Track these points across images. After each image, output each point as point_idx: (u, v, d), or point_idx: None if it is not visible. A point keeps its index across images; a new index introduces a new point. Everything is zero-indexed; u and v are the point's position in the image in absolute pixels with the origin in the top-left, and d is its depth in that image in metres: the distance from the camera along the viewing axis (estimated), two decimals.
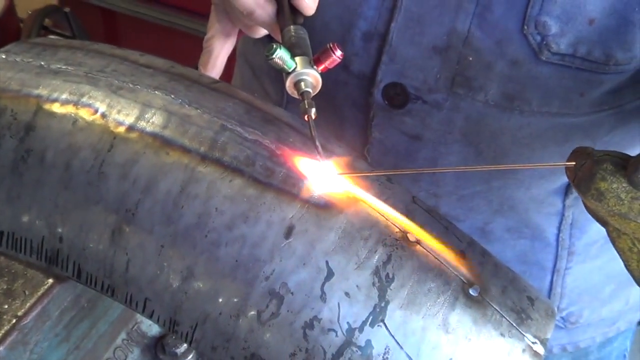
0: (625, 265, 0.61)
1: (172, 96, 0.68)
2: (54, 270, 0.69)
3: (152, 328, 0.82)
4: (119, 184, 0.65)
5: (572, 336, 1.10)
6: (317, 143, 0.66)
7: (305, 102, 0.68)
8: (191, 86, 0.70)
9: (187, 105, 0.68)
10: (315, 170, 0.66)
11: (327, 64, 0.71)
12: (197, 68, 0.84)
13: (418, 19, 0.84)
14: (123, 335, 0.80)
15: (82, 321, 0.75)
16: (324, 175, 0.66)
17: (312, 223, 0.64)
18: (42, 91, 0.69)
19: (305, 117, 0.67)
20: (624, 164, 0.57)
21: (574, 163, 0.60)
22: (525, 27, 0.80)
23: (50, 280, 0.71)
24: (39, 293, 0.70)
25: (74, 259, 0.67)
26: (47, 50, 0.73)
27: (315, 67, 0.70)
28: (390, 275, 0.63)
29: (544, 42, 0.80)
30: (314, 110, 0.67)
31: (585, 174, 0.58)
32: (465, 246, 0.68)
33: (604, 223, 0.60)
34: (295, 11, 0.77)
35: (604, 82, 0.84)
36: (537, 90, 0.84)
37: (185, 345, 0.80)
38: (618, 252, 0.61)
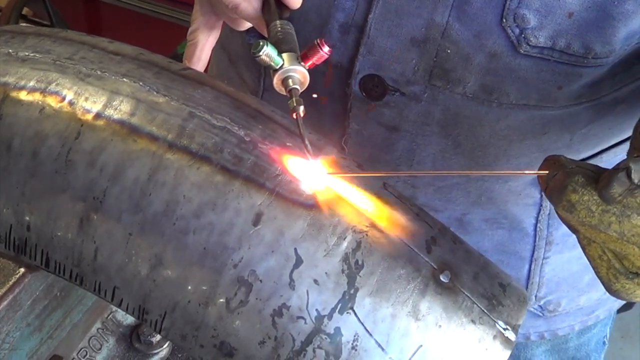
0: (595, 272, 0.60)
1: (140, 83, 0.65)
2: (23, 259, 0.65)
3: (127, 317, 0.79)
4: (87, 171, 0.62)
5: (550, 324, 1.07)
6: (307, 142, 0.63)
7: (294, 99, 0.65)
8: (160, 73, 0.67)
9: (155, 92, 0.65)
10: (285, 158, 0.63)
11: (315, 60, 0.68)
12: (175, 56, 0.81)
13: (396, 10, 0.81)
14: (98, 324, 0.77)
15: (55, 310, 0.71)
16: (305, 170, 0.63)
17: (280, 210, 0.60)
18: (9, 79, 0.65)
19: (294, 115, 0.64)
20: (595, 177, 0.55)
21: (546, 172, 0.58)
22: (504, 20, 0.77)
23: (22, 270, 0.68)
24: (10, 282, 0.67)
25: (42, 248, 0.64)
26: (15, 38, 0.69)
27: (302, 63, 0.67)
28: (360, 262, 0.60)
29: (523, 35, 0.77)
30: (302, 108, 0.64)
31: (557, 185, 0.57)
32: (436, 232, 0.64)
33: (575, 231, 0.59)
34: (281, 5, 0.74)
35: (583, 75, 0.81)
36: (516, 83, 0.82)
37: None
38: (588, 259, 0.60)
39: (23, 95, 0.64)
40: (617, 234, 0.55)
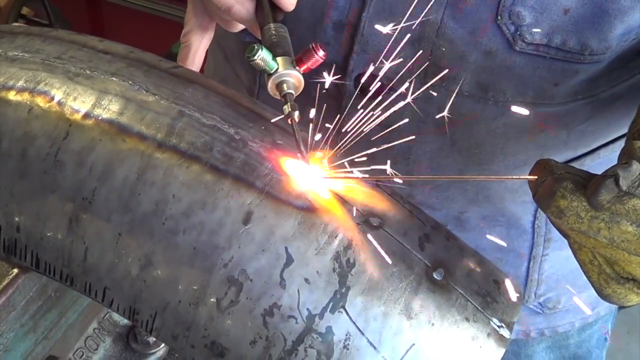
0: (587, 277, 0.58)
1: (130, 82, 0.63)
2: (13, 260, 0.63)
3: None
4: (75, 172, 0.60)
5: (550, 321, 1.05)
6: (302, 148, 0.61)
7: (289, 104, 0.63)
8: (150, 71, 0.65)
9: (144, 91, 0.63)
10: (276, 156, 0.61)
11: (310, 64, 0.66)
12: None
13: (390, 9, 0.79)
14: (94, 324, 0.76)
15: (50, 311, 0.70)
16: (297, 168, 0.61)
17: (270, 209, 0.59)
18: None
19: (289, 120, 0.62)
20: (584, 183, 0.54)
21: (536, 177, 0.57)
22: (499, 18, 0.75)
23: (15, 270, 0.67)
24: (4, 283, 0.66)
25: (32, 249, 0.62)
26: (4, 38, 0.68)
27: (297, 67, 0.65)
28: (351, 261, 0.58)
29: (518, 33, 0.76)
30: (297, 113, 0.62)
31: (546, 191, 0.55)
32: (429, 229, 0.63)
33: (565, 235, 0.57)
34: (275, 7, 0.72)
35: (579, 71, 0.79)
36: (512, 81, 0.80)
37: None
38: (579, 264, 0.58)
39: (11, 95, 0.63)
40: (606, 240, 0.53)
